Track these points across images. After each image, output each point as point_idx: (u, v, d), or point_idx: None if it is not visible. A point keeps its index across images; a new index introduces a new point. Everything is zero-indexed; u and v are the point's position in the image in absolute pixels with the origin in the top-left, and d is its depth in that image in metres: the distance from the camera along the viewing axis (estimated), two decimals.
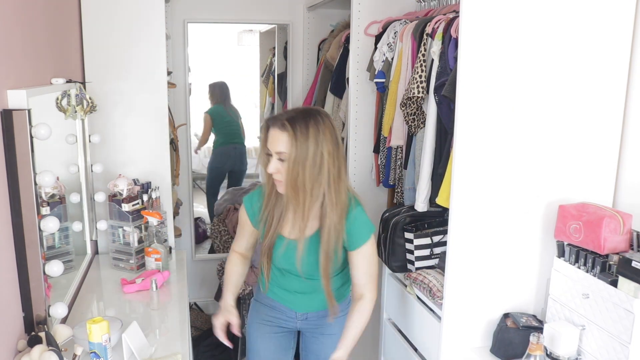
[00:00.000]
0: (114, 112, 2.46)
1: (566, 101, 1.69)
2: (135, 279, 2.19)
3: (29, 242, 1.45)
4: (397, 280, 2.23)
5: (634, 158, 1.75)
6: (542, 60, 1.64)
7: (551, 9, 1.62)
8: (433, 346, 1.88)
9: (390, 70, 2.30)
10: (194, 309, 3.59)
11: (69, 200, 2.11)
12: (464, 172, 1.65)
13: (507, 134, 1.66)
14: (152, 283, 2.07)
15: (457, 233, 1.69)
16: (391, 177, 2.35)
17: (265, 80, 4.89)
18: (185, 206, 3.65)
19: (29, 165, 1.42)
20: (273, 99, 4.61)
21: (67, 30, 2.21)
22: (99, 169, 2.33)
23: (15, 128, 1.39)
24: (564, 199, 1.73)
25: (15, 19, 1.55)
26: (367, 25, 2.54)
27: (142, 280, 2.16)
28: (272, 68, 4.69)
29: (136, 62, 2.44)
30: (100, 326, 1.50)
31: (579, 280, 1.55)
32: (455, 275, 1.72)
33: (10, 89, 1.43)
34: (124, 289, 2.14)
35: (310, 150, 1.60)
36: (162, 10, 2.44)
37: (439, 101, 1.91)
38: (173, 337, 1.83)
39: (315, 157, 1.60)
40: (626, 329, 1.39)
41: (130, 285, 2.14)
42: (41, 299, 1.49)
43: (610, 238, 1.49)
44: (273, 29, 4.32)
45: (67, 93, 1.95)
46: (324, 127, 1.62)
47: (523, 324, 1.67)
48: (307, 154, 1.60)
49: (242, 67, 6.24)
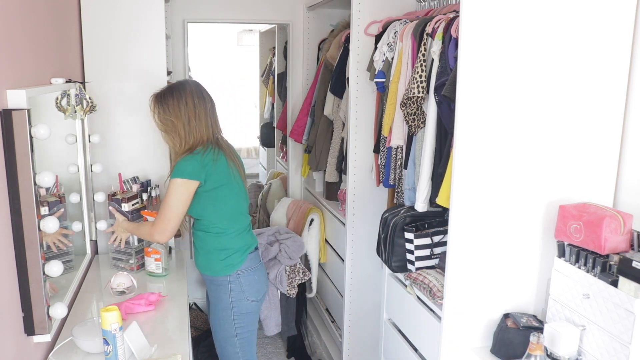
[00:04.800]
0: (114, 112, 2.46)
1: (566, 101, 1.68)
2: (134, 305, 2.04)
3: (29, 242, 1.44)
4: (397, 280, 2.23)
5: (634, 158, 1.74)
6: (542, 60, 1.64)
7: (551, 8, 1.62)
8: (433, 346, 1.88)
9: (390, 70, 2.30)
10: (194, 309, 3.59)
11: (69, 200, 2.11)
12: (464, 172, 1.65)
13: (507, 134, 1.66)
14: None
15: (457, 233, 1.69)
16: (391, 177, 2.35)
17: (265, 80, 4.89)
18: None
19: (28, 165, 1.42)
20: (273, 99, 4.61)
21: (67, 30, 2.21)
22: (99, 169, 2.33)
23: (14, 128, 1.39)
24: (564, 199, 1.72)
25: (15, 19, 1.55)
26: (367, 25, 2.54)
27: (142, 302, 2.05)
28: (272, 68, 4.69)
29: (136, 62, 2.44)
30: (110, 315, 1.54)
31: (580, 280, 1.54)
32: (456, 275, 1.72)
33: (10, 89, 1.43)
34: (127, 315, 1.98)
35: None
36: (161, 10, 2.44)
37: (439, 101, 1.91)
38: (173, 337, 1.83)
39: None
40: (627, 329, 1.39)
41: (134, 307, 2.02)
42: (41, 299, 1.49)
43: (610, 238, 1.49)
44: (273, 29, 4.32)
45: (66, 93, 1.95)
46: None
47: (523, 324, 1.67)
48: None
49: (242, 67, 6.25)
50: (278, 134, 4.55)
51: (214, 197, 2.05)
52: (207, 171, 2.00)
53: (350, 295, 2.82)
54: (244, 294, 2.12)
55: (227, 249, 2.10)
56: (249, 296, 2.13)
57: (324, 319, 3.38)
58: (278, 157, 4.61)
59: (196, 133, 2.03)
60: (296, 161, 3.83)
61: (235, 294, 2.12)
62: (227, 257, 2.09)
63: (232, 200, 2.09)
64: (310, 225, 3.18)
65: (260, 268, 2.20)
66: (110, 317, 1.55)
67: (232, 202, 2.10)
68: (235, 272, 2.10)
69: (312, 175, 3.50)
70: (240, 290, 2.12)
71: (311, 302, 3.58)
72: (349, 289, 2.81)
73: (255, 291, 2.16)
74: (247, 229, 2.19)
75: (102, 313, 1.56)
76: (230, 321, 2.14)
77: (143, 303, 2.00)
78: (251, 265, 2.14)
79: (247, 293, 2.13)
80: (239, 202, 2.14)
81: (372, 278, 2.78)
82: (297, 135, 3.45)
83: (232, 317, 2.13)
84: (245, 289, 2.12)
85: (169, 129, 2.06)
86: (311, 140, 3.31)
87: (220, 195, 2.06)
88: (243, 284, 2.12)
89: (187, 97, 2.04)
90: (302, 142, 3.46)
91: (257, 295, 2.17)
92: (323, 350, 3.32)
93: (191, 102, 2.04)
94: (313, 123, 3.31)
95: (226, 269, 2.10)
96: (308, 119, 3.37)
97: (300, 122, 3.43)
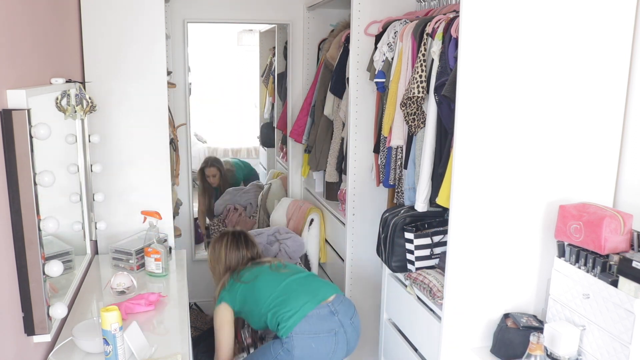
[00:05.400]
0: (113, 112, 2.46)
1: (566, 101, 1.69)
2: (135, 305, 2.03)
3: (29, 242, 1.44)
4: (397, 280, 2.23)
5: (634, 158, 1.74)
6: (542, 59, 1.64)
7: (551, 8, 1.62)
8: (433, 346, 1.88)
9: (390, 70, 2.30)
10: (194, 309, 3.59)
11: (69, 200, 2.11)
12: (464, 172, 1.65)
13: (507, 134, 1.66)
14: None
15: (457, 233, 1.69)
16: (391, 177, 2.35)
17: (265, 80, 4.89)
18: (185, 206, 3.65)
19: (28, 165, 1.42)
20: (273, 99, 4.61)
21: (67, 30, 2.21)
22: (99, 169, 2.33)
23: (14, 128, 1.39)
24: (564, 199, 1.72)
25: (16, 19, 1.55)
26: (367, 25, 2.54)
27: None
28: (272, 68, 4.69)
29: (136, 62, 2.44)
30: (110, 315, 1.54)
31: (580, 280, 1.54)
32: (456, 275, 1.72)
33: (10, 89, 1.43)
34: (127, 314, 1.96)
35: None
36: (162, 10, 2.44)
37: (439, 101, 1.91)
38: (173, 337, 1.82)
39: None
40: (627, 329, 1.39)
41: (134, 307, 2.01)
42: (41, 299, 1.49)
43: (610, 238, 1.49)
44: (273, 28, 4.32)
45: (66, 93, 1.95)
46: None
47: (523, 324, 1.67)
48: None
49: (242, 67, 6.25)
50: (278, 134, 4.55)
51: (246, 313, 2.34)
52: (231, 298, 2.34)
53: (350, 295, 2.82)
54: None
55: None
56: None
57: None
58: (278, 157, 4.61)
59: (221, 274, 2.46)
60: (296, 161, 3.83)
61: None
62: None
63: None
64: (310, 225, 3.18)
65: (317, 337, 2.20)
66: (110, 317, 1.55)
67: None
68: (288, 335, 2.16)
69: (312, 175, 3.50)
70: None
71: None
72: (349, 289, 2.81)
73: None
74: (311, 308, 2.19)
75: (102, 313, 1.56)
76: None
77: (143, 303, 1.99)
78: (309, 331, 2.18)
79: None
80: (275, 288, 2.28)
81: (372, 278, 2.78)
82: (297, 135, 3.45)
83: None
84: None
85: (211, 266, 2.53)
86: (311, 140, 3.31)
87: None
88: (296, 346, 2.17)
89: (220, 249, 2.49)
90: (302, 142, 3.46)
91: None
92: None
93: (223, 254, 2.47)
94: (313, 123, 3.31)
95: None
96: (308, 119, 3.37)
97: (300, 122, 3.43)
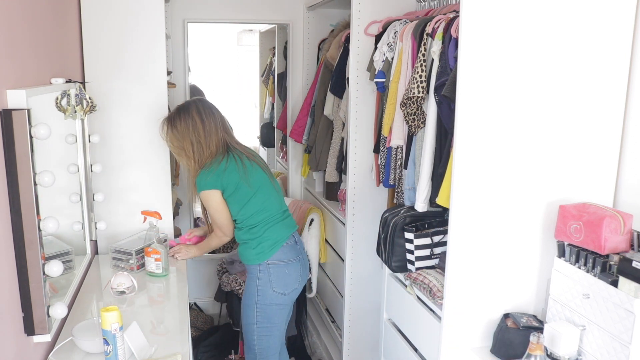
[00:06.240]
0: (114, 112, 2.46)
1: (566, 101, 1.68)
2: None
3: (29, 242, 1.44)
4: (397, 280, 2.23)
5: (634, 158, 1.74)
6: (542, 59, 1.64)
7: (551, 8, 1.62)
8: (433, 346, 1.88)
9: (390, 70, 2.30)
10: (194, 309, 3.59)
11: (69, 200, 2.11)
12: (464, 172, 1.65)
13: (507, 134, 1.66)
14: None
15: (457, 233, 1.69)
16: (391, 177, 2.35)
17: (265, 80, 4.89)
18: (185, 206, 3.65)
19: (28, 165, 1.42)
20: (273, 99, 4.61)
21: (67, 30, 2.21)
22: (99, 169, 2.33)
23: (14, 128, 1.39)
24: (564, 199, 1.72)
25: (16, 19, 1.55)
26: (367, 25, 2.54)
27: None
28: (272, 68, 4.69)
29: (136, 62, 2.44)
30: (110, 315, 1.54)
31: (580, 280, 1.54)
32: (456, 275, 1.72)
33: (10, 89, 1.43)
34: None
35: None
36: (161, 10, 2.44)
37: (439, 101, 1.91)
38: (173, 337, 1.82)
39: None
40: (627, 329, 1.39)
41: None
42: (41, 299, 1.49)
43: (610, 238, 1.49)
44: (273, 28, 4.31)
45: (66, 93, 1.95)
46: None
47: (523, 324, 1.67)
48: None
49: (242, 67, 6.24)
50: (278, 134, 4.55)
51: (236, 199, 2.24)
52: (221, 180, 2.21)
53: (350, 295, 2.82)
54: (271, 284, 2.24)
55: (257, 238, 2.25)
56: (275, 287, 2.24)
57: (324, 319, 3.38)
58: (278, 157, 4.61)
59: (206, 150, 2.22)
60: (296, 161, 3.83)
61: (262, 283, 2.24)
62: (257, 246, 2.25)
63: (256, 197, 2.24)
64: (310, 225, 3.18)
65: (294, 263, 2.30)
66: (110, 317, 1.55)
67: (255, 199, 2.24)
68: (265, 261, 2.23)
69: (312, 175, 3.50)
70: (268, 280, 2.24)
71: (311, 302, 3.58)
72: (349, 289, 2.82)
73: (283, 284, 2.26)
74: (279, 220, 2.30)
75: (102, 313, 1.56)
76: (252, 308, 2.28)
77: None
78: (284, 258, 2.26)
79: (274, 284, 2.24)
80: (264, 196, 2.27)
81: (372, 278, 2.78)
82: (297, 135, 3.45)
83: (255, 305, 2.27)
84: (273, 279, 2.24)
85: (181, 150, 2.24)
86: (311, 140, 3.31)
87: (240, 197, 2.21)
88: (272, 274, 2.24)
89: (194, 117, 2.22)
90: (302, 142, 3.46)
91: (284, 289, 2.27)
92: (323, 350, 3.32)
93: (199, 122, 2.20)
94: (313, 123, 3.31)
95: (257, 257, 2.25)
96: (308, 119, 3.37)
97: (300, 122, 3.43)
